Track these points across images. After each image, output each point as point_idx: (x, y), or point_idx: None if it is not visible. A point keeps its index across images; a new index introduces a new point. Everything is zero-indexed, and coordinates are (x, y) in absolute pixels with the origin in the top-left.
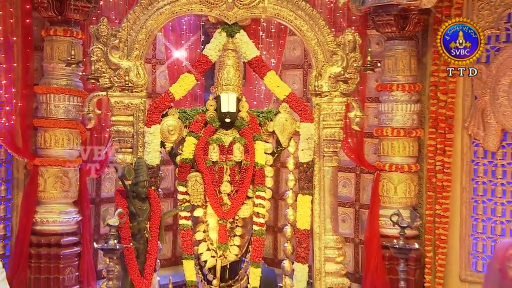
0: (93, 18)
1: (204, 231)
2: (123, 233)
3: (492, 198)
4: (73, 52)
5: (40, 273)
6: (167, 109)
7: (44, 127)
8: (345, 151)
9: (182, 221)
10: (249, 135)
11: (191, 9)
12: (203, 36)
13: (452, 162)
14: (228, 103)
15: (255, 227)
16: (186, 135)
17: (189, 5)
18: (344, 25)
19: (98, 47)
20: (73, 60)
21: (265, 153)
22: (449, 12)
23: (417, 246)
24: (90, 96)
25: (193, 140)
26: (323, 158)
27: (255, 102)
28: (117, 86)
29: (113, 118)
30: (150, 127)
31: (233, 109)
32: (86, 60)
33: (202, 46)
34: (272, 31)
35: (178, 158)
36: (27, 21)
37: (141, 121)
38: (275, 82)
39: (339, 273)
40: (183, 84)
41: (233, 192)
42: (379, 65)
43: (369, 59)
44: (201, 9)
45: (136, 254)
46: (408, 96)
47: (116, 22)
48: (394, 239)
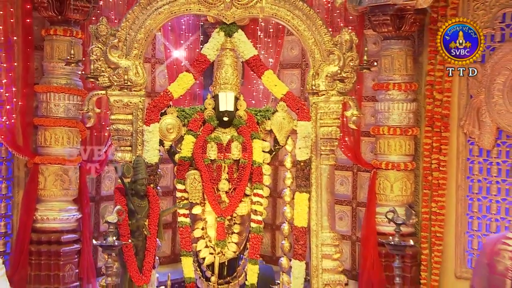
0: (93, 18)
1: (203, 229)
2: (122, 230)
3: (487, 196)
4: (73, 51)
5: (41, 270)
6: (166, 108)
7: (44, 126)
8: (342, 150)
9: (181, 219)
10: (247, 134)
11: (190, 9)
12: (202, 36)
13: (448, 160)
14: (226, 102)
15: (253, 225)
16: (185, 134)
17: (188, 5)
18: (341, 25)
19: (98, 47)
20: (73, 59)
21: (263, 152)
22: (445, 12)
23: (412, 243)
24: (90, 95)
25: (192, 139)
26: (320, 156)
27: (254, 101)
28: (116, 85)
29: (113, 117)
30: (149, 126)
31: (231, 108)
32: (86, 60)
33: (201, 46)
34: (270, 31)
35: (177, 156)
36: (28, 21)
37: (140, 120)
38: (273, 81)
39: (336, 270)
40: (182, 83)
41: (231, 190)
42: (376, 64)
43: (365, 59)
44: (200, 9)
45: (135, 251)
46: (405, 95)
47: (116, 22)
48: (390, 236)
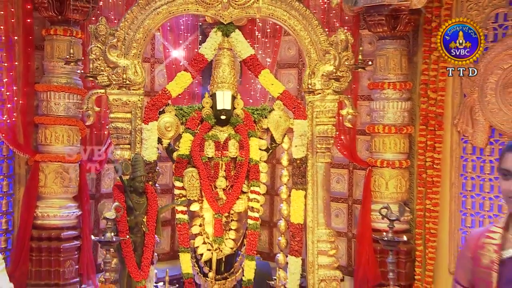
0: (93, 18)
1: (200, 225)
2: (121, 227)
3: (480, 193)
4: (72, 51)
5: (41, 266)
6: (164, 107)
7: (45, 124)
8: (339, 148)
9: (179, 215)
10: (244, 132)
11: (188, 9)
12: (201, 36)
13: (442, 158)
14: (224, 101)
15: (250, 221)
16: (183, 132)
17: (186, 5)
18: (337, 25)
19: (97, 46)
20: (72, 58)
21: (260, 149)
22: (439, 13)
23: (405, 239)
24: (89, 94)
25: (190, 137)
26: (316, 154)
27: (251, 100)
28: (115, 84)
29: (112, 115)
30: (148, 124)
31: (228, 107)
32: (86, 59)
33: (200, 46)
34: (268, 31)
35: (175, 154)
36: (28, 21)
37: (139, 118)
38: (270, 80)
39: (332, 266)
40: (180, 82)
41: (228, 187)
42: (370, 64)
43: (360, 58)
44: (197, 9)
45: (134, 247)
46: (399, 94)
47: (116, 22)
48: (384, 233)
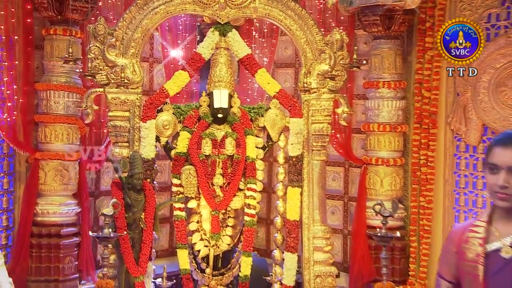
0: (92, 18)
1: (198, 222)
2: (119, 223)
3: (473, 190)
4: (71, 50)
5: (41, 262)
6: (162, 105)
7: (45, 123)
8: (334, 146)
9: (176, 212)
10: (241, 130)
11: (185, 9)
12: (199, 36)
13: (436, 156)
14: (221, 99)
15: (247, 218)
16: (180, 130)
17: (183, 5)
18: (333, 25)
19: (96, 46)
20: (71, 58)
21: (256, 147)
22: (433, 13)
23: (398, 234)
24: (88, 93)
25: (187, 135)
26: (312, 152)
27: (249, 100)
28: (114, 83)
29: (110, 114)
30: (146, 122)
31: (225, 105)
32: (85, 58)
33: (198, 46)
34: (265, 31)
35: (173, 152)
36: (28, 21)
37: (137, 117)
38: (266, 79)
39: (327, 262)
40: (177, 81)
41: (225, 185)
42: (365, 63)
43: (355, 57)
44: (195, 9)
45: (132, 244)
46: (394, 93)
47: (114, 22)
48: (378, 229)
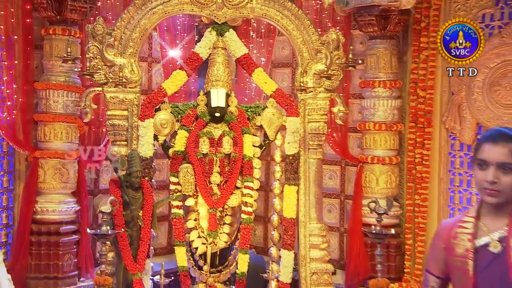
0: (91, 18)
1: (195, 220)
2: (117, 221)
3: (468, 189)
4: (69, 49)
5: (41, 260)
6: (160, 104)
7: (44, 122)
8: (331, 145)
9: (174, 210)
10: (238, 129)
11: (183, 9)
12: (197, 36)
13: (431, 155)
14: (218, 98)
15: (244, 216)
16: (178, 129)
17: (181, 5)
18: (329, 25)
19: (94, 45)
20: (69, 57)
21: (253, 146)
22: (428, 13)
23: (393, 231)
24: (87, 92)
25: (185, 134)
26: (308, 151)
27: (246, 99)
28: (112, 82)
29: (109, 113)
30: (144, 121)
31: (223, 104)
32: (84, 58)
33: (196, 45)
34: (262, 31)
35: (171, 151)
36: (28, 21)
37: (135, 115)
38: (263, 79)
39: (323, 259)
40: (175, 80)
41: (223, 183)
42: (361, 62)
43: (351, 57)
44: (192, 9)
45: (130, 241)
46: (389, 92)
47: (113, 22)
48: (373, 226)
